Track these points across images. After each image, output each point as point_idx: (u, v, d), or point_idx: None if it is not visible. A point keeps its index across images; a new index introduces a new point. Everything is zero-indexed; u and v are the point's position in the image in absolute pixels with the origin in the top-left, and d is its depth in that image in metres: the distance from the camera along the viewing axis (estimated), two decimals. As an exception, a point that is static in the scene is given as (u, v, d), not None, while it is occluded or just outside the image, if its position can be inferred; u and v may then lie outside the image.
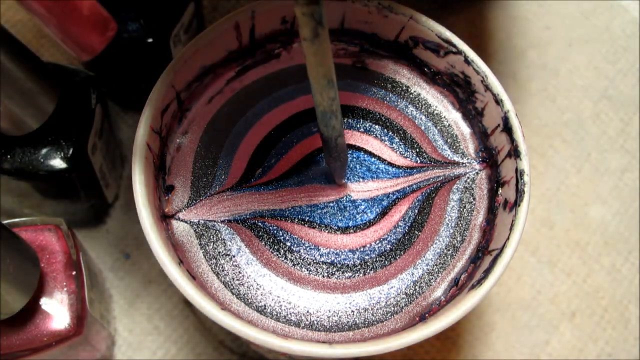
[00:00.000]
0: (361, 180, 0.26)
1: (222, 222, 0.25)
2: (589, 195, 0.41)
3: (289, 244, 0.25)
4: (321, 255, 0.25)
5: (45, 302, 0.28)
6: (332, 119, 0.22)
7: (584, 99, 0.43)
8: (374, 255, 0.25)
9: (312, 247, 0.25)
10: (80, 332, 0.28)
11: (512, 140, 0.25)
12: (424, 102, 0.28)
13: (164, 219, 0.25)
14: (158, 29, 0.33)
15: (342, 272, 0.25)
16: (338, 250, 0.25)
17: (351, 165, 0.27)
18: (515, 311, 0.38)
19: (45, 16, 0.17)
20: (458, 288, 0.25)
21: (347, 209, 0.26)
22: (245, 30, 0.27)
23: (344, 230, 0.25)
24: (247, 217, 0.25)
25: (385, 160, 0.27)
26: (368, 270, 0.25)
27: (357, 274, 0.25)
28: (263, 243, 0.25)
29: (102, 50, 0.18)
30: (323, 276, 0.25)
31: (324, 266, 0.25)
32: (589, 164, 0.41)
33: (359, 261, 0.25)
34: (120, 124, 0.40)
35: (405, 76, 0.29)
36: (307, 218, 0.26)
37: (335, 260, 0.25)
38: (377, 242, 0.25)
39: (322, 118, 0.23)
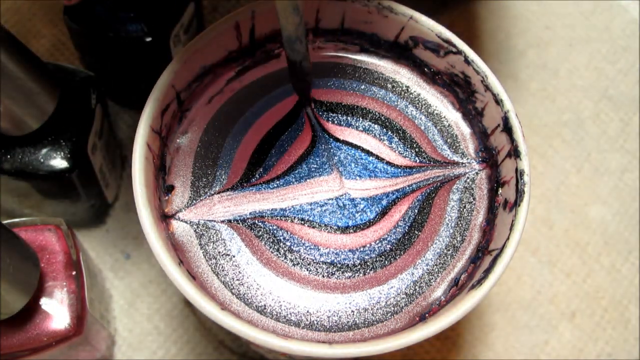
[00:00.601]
0: (359, 178, 0.26)
1: (222, 222, 0.25)
2: (589, 195, 0.41)
3: (288, 243, 0.25)
4: (321, 255, 0.25)
5: (45, 302, 0.28)
6: (296, 43, 0.24)
7: (584, 99, 0.43)
8: (374, 255, 0.25)
9: (312, 247, 0.25)
10: (80, 332, 0.28)
11: (512, 140, 0.25)
12: (424, 102, 0.28)
13: (164, 219, 0.25)
14: (158, 29, 0.33)
15: (342, 272, 0.25)
16: (338, 250, 0.25)
17: (349, 162, 0.27)
18: (515, 311, 0.38)
19: None
20: (458, 288, 0.25)
21: (347, 207, 0.26)
22: (245, 30, 0.27)
23: (344, 230, 0.25)
24: (247, 216, 0.25)
25: (384, 160, 0.27)
26: (368, 270, 0.25)
27: (357, 274, 0.25)
28: (263, 243, 0.25)
29: None
30: (323, 276, 0.25)
31: (323, 266, 0.25)
32: (589, 164, 0.41)
33: (358, 261, 0.25)
34: (120, 124, 0.40)
35: (405, 76, 0.29)
36: (307, 217, 0.26)
37: (335, 260, 0.25)
38: (377, 242, 0.25)
39: (288, 42, 0.24)
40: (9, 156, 0.29)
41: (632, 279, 0.39)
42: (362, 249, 0.25)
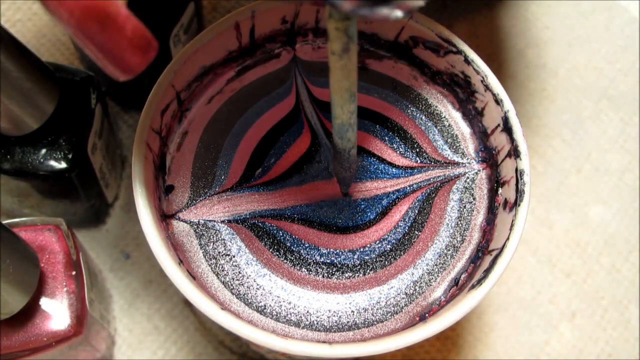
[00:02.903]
0: (359, 180, 0.26)
1: (222, 222, 0.25)
2: (589, 195, 0.41)
3: (288, 244, 0.25)
4: (321, 256, 0.25)
5: (45, 302, 0.28)
6: (348, 132, 0.22)
7: (584, 99, 0.43)
8: (374, 256, 0.25)
9: (312, 248, 0.25)
10: (80, 332, 0.28)
11: (512, 140, 0.25)
12: (424, 102, 0.28)
13: (164, 219, 0.25)
14: (158, 29, 0.33)
15: (342, 273, 0.25)
16: (338, 251, 0.25)
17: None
18: (515, 311, 0.38)
19: (86, 37, 0.16)
20: (458, 288, 0.25)
21: (347, 208, 0.26)
22: (245, 30, 0.27)
23: (344, 230, 0.25)
24: (247, 217, 0.25)
25: (385, 160, 0.27)
26: (368, 271, 0.25)
27: (357, 274, 0.25)
28: (263, 243, 0.25)
29: (142, 70, 0.17)
30: (323, 276, 0.25)
31: (323, 266, 0.25)
32: (589, 164, 0.41)
33: (359, 262, 0.25)
34: (120, 124, 0.40)
35: (405, 76, 0.29)
36: (307, 218, 0.26)
37: (335, 261, 0.25)
38: (378, 242, 0.25)
39: (339, 130, 0.22)
40: (9, 156, 0.29)
41: (632, 279, 0.39)
42: (362, 250, 0.25)
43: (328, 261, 0.25)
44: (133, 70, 0.17)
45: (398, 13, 0.15)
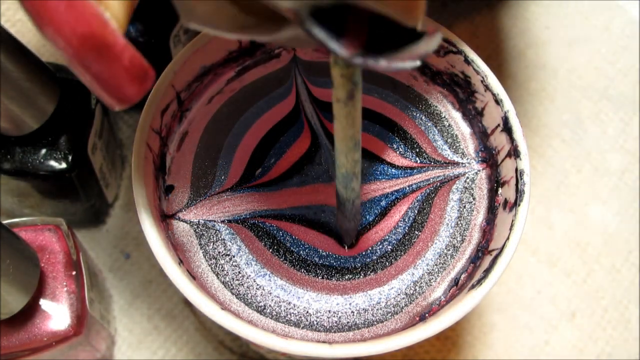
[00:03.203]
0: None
1: (222, 222, 0.25)
2: (589, 195, 0.41)
3: (288, 244, 0.25)
4: (320, 258, 0.25)
5: (45, 302, 0.28)
6: (353, 181, 0.22)
7: (584, 99, 0.43)
8: (374, 258, 0.25)
9: (312, 249, 0.25)
10: (80, 332, 0.28)
11: (512, 140, 0.25)
12: (424, 102, 0.28)
13: (164, 219, 0.25)
14: (158, 29, 0.33)
15: (342, 275, 0.25)
16: (338, 255, 0.25)
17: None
18: (515, 311, 0.38)
19: (83, 65, 0.15)
20: (458, 288, 0.25)
21: None
22: (245, 30, 0.27)
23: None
24: (247, 217, 0.25)
25: (385, 161, 0.27)
26: (369, 272, 0.25)
27: (357, 276, 0.25)
28: (263, 243, 0.25)
29: (138, 100, 0.17)
30: (322, 277, 0.25)
31: (323, 268, 0.25)
32: (589, 164, 0.41)
33: (359, 264, 0.25)
34: (120, 124, 0.40)
35: (405, 76, 0.29)
36: (308, 219, 0.25)
37: (335, 264, 0.25)
38: (378, 243, 0.25)
39: (343, 180, 0.22)
40: (9, 156, 0.29)
41: (632, 279, 0.39)
42: (362, 253, 0.25)
43: (327, 264, 0.25)
44: (129, 100, 0.16)
45: (405, 65, 0.15)
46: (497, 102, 0.26)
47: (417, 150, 0.27)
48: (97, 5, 0.15)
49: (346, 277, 0.25)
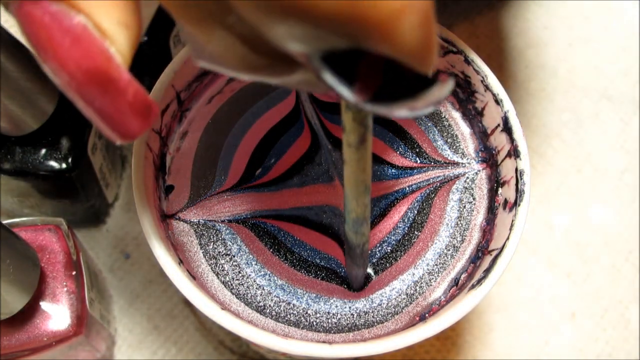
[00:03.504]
0: None
1: (222, 222, 0.25)
2: (589, 196, 0.41)
3: (289, 245, 0.25)
4: (321, 259, 0.25)
5: (45, 302, 0.28)
6: (363, 225, 0.21)
7: (583, 99, 0.43)
8: (375, 260, 0.25)
9: (312, 250, 0.25)
10: (80, 332, 0.28)
11: (512, 140, 0.25)
12: (423, 102, 0.28)
13: (164, 219, 0.25)
14: (158, 29, 0.33)
15: (343, 280, 0.25)
16: (338, 260, 0.25)
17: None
18: (515, 311, 0.38)
19: (86, 100, 0.15)
20: (458, 288, 0.25)
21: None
22: (245, 30, 0.27)
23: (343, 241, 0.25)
24: (248, 217, 0.25)
25: (385, 161, 0.27)
26: (369, 277, 0.25)
27: None
28: (263, 243, 0.25)
29: (140, 135, 0.17)
30: (323, 279, 0.25)
31: (324, 270, 0.25)
32: (589, 164, 0.41)
33: None
34: (120, 124, 0.40)
35: (405, 76, 0.29)
36: (308, 220, 0.25)
37: (337, 269, 0.25)
38: (378, 245, 0.25)
39: (354, 225, 0.21)
40: (9, 156, 0.29)
41: (632, 279, 0.39)
42: None
43: (328, 266, 0.25)
44: (132, 135, 0.16)
45: (418, 112, 0.14)
46: (497, 102, 0.26)
47: (417, 150, 0.27)
48: (102, 40, 0.15)
49: (347, 282, 0.25)
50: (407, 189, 0.26)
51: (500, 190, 0.26)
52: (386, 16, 0.12)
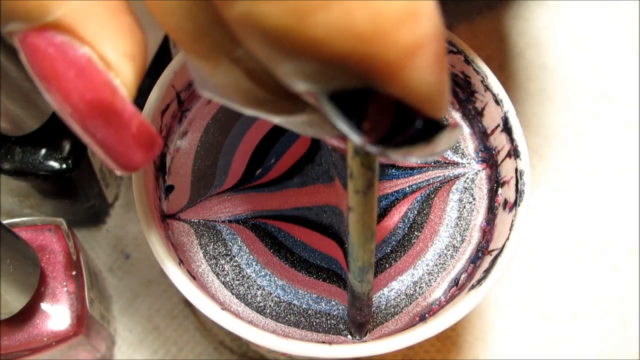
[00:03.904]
0: None
1: (222, 222, 0.25)
2: (589, 195, 0.41)
3: (289, 245, 0.25)
4: (322, 260, 0.25)
5: (45, 302, 0.28)
6: (369, 273, 0.20)
7: (584, 99, 0.43)
8: (374, 260, 0.25)
9: (313, 250, 0.25)
10: (80, 332, 0.28)
11: (512, 140, 0.25)
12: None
13: (164, 219, 0.25)
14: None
15: (343, 282, 0.25)
16: (338, 260, 0.25)
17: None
18: (515, 311, 0.38)
19: (89, 132, 0.15)
20: (458, 288, 0.25)
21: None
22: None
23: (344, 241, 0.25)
24: (248, 217, 0.25)
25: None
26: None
27: None
28: (264, 244, 0.25)
29: (143, 167, 0.16)
30: (323, 280, 0.25)
31: (324, 271, 0.25)
32: (589, 164, 0.41)
33: None
34: (120, 124, 0.40)
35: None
36: (309, 220, 0.25)
37: (338, 271, 0.25)
38: (378, 246, 0.25)
39: (359, 273, 0.20)
40: (9, 156, 0.29)
41: (632, 279, 0.39)
42: None
43: (328, 267, 0.25)
44: (135, 167, 0.16)
45: (428, 158, 0.14)
46: (497, 102, 0.26)
47: (417, 150, 0.27)
48: (107, 72, 0.14)
49: (347, 285, 0.25)
50: (407, 189, 0.26)
51: (500, 191, 0.26)
52: (398, 57, 0.12)
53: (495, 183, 0.26)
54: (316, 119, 0.16)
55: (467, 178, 0.27)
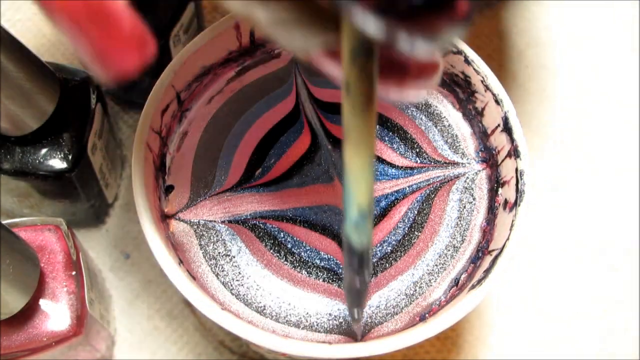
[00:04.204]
0: None
1: (222, 222, 0.25)
2: (589, 195, 0.41)
3: (289, 245, 0.25)
4: (321, 260, 0.25)
5: (45, 302, 0.28)
6: (367, 219, 0.18)
7: (583, 99, 0.43)
8: (375, 260, 0.25)
9: (313, 251, 0.25)
10: (80, 332, 0.28)
11: (512, 140, 0.25)
12: (424, 102, 0.28)
13: (164, 219, 0.25)
14: (158, 29, 0.33)
15: (342, 281, 0.25)
16: (338, 261, 0.25)
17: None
18: (515, 311, 0.38)
19: (77, 33, 0.14)
20: (458, 288, 0.25)
21: None
22: (245, 30, 0.27)
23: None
24: (248, 217, 0.25)
25: (385, 161, 0.27)
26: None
27: None
28: (263, 244, 0.25)
29: (136, 75, 0.15)
30: (323, 280, 0.25)
31: (324, 271, 0.25)
32: (589, 164, 0.41)
33: None
34: (120, 124, 0.40)
35: (405, 76, 0.29)
36: (308, 220, 0.25)
37: (336, 269, 0.25)
38: (378, 245, 0.25)
39: (357, 218, 0.18)
40: (9, 156, 0.29)
41: (632, 279, 0.39)
42: None
43: (328, 267, 0.25)
44: (126, 70, 0.15)
45: (438, 43, 0.12)
46: (497, 102, 0.26)
47: (417, 150, 0.27)
48: None
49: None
50: (407, 189, 0.26)
51: (500, 191, 0.26)
52: None
53: (496, 183, 0.26)
54: (308, 15, 0.14)
55: (468, 178, 0.27)
